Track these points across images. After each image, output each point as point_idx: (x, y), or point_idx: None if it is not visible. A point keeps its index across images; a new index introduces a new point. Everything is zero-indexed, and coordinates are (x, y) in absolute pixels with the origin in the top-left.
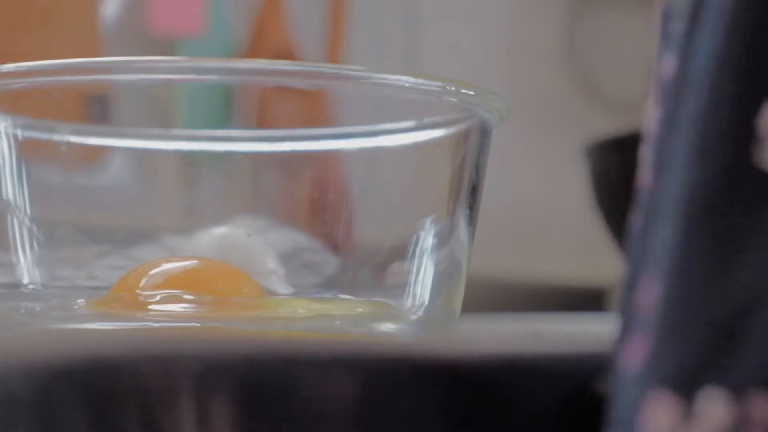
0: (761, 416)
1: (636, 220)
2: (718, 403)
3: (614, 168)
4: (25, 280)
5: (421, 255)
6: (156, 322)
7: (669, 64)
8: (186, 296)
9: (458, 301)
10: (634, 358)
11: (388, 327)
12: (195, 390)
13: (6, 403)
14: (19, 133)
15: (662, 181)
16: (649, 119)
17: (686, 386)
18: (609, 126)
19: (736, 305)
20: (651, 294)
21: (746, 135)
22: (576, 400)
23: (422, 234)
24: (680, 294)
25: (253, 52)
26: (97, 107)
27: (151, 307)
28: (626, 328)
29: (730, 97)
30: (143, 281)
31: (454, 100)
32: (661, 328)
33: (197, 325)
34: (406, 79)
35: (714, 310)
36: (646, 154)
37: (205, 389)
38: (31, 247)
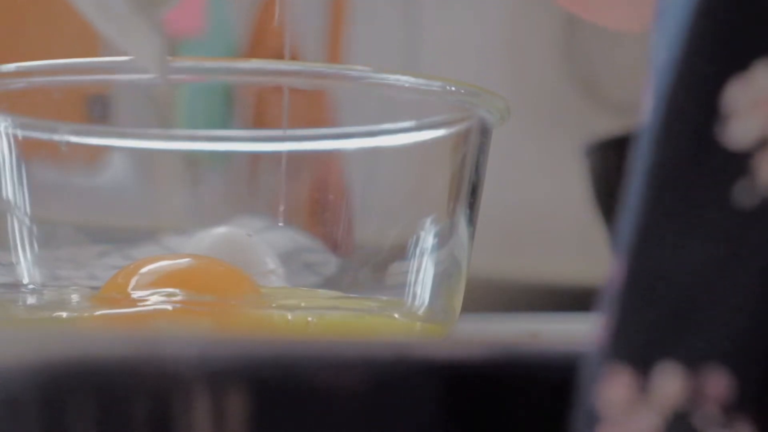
0: (715, 391)
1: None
2: (673, 378)
3: (614, 168)
4: (25, 280)
5: (421, 255)
6: (152, 320)
7: (661, 57)
8: (181, 295)
9: (458, 301)
10: (601, 336)
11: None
12: (196, 390)
13: (8, 405)
14: (19, 133)
15: (634, 163)
16: (643, 110)
17: (643, 360)
18: (609, 126)
19: (693, 281)
20: (619, 273)
21: (709, 112)
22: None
23: (422, 234)
24: (640, 270)
25: (253, 52)
26: (97, 107)
27: (143, 305)
28: (600, 309)
29: (694, 75)
30: (135, 279)
31: (454, 100)
32: (623, 304)
33: (197, 324)
34: (406, 79)
35: (671, 286)
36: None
37: (205, 389)
38: (31, 247)
